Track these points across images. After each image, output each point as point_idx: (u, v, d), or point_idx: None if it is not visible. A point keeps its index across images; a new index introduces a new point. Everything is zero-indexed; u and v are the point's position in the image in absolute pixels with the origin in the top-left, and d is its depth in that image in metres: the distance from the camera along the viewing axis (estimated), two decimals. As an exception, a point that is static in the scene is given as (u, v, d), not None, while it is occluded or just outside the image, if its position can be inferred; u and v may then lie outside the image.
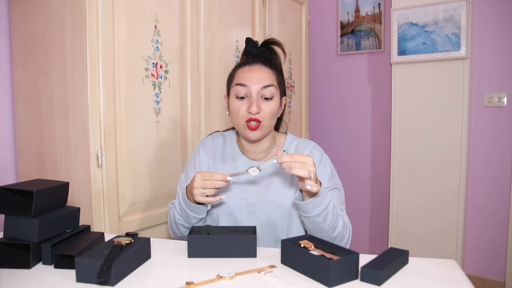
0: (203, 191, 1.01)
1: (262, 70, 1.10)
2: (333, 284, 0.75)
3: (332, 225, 1.00)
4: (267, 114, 1.08)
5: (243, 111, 1.08)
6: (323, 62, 3.01)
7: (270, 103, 1.09)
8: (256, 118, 1.07)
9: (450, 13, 2.23)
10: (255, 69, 1.10)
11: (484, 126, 2.40)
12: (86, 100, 1.24)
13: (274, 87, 1.09)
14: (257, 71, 1.09)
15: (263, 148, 1.17)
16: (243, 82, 1.08)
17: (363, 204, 2.92)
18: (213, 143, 1.23)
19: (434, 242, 2.36)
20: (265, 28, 2.08)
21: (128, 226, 1.37)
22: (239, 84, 1.09)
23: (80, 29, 1.23)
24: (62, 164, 1.32)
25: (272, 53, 1.16)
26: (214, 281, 0.78)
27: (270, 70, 1.11)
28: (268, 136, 1.16)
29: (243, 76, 1.09)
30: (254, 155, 1.18)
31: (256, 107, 1.06)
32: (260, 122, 1.07)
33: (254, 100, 1.07)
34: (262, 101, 1.08)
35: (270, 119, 1.09)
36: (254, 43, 1.16)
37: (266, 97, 1.08)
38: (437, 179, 2.34)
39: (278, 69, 1.16)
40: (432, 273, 0.82)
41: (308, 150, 1.16)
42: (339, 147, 2.99)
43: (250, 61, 1.13)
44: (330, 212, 0.98)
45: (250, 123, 1.07)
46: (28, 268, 0.85)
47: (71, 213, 0.96)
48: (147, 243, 0.90)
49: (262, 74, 1.09)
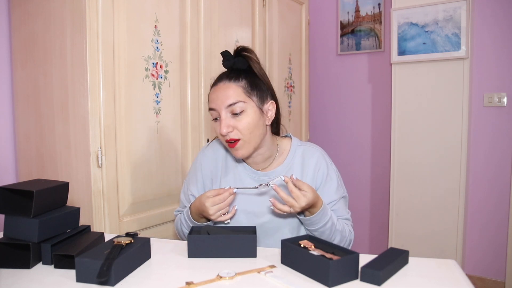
0: (220, 213, 1.04)
1: (225, 87, 1.06)
2: (333, 284, 0.75)
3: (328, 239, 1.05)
4: (242, 130, 1.04)
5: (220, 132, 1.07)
6: (323, 62, 3.01)
7: (242, 118, 1.05)
8: (231, 138, 1.04)
9: (450, 13, 2.23)
10: (219, 88, 1.07)
11: (484, 126, 2.40)
12: (86, 100, 1.24)
13: (242, 102, 1.04)
14: (221, 90, 1.06)
15: (263, 159, 1.14)
16: (211, 106, 1.08)
17: (363, 204, 2.92)
18: (214, 154, 1.20)
19: (434, 242, 2.35)
20: (265, 28, 2.08)
21: (128, 226, 1.37)
22: (210, 109, 1.09)
23: (80, 29, 1.23)
24: (62, 164, 1.32)
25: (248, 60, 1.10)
26: (214, 281, 0.78)
27: (235, 83, 1.06)
28: (265, 147, 1.12)
29: (211, 99, 1.08)
30: (256, 165, 1.15)
31: (225, 128, 1.04)
32: (238, 140, 1.05)
33: (222, 121, 1.04)
34: (233, 118, 1.05)
35: (249, 133, 1.05)
36: (228, 55, 1.11)
37: (235, 113, 1.04)
38: (437, 179, 2.34)
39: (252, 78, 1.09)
40: (432, 273, 0.82)
41: (314, 161, 1.13)
42: (339, 147, 2.99)
43: (217, 80, 1.10)
44: (327, 230, 1.05)
45: (229, 143, 1.06)
46: (28, 268, 0.85)
47: (71, 213, 0.96)
48: (147, 243, 0.90)
49: (226, 91, 1.05)
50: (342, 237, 1.08)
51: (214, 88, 1.09)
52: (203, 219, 1.10)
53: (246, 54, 1.10)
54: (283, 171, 1.12)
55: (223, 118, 1.05)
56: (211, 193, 1.04)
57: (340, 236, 1.08)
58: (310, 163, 1.13)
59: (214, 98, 1.07)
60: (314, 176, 1.12)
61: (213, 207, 1.02)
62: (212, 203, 1.02)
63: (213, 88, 1.09)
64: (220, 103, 1.05)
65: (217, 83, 1.09)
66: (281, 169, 1.13)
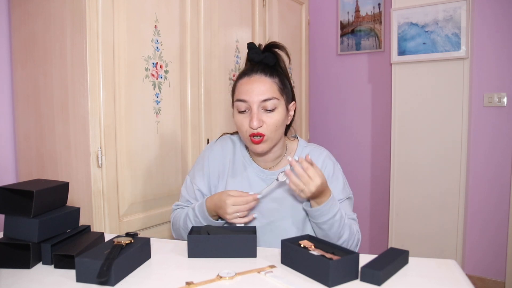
0: (237, 215, 1.02)
1: (261, 81, 1.04)
2: (333, 284, 0.75)
3: (337, 234, 1.03)
4: (270, 126, 1.04)
5: (245, 125, 1.04)
6: (323, 62, 3.01)
7: (273, 115, 1.04)
8: (258, 132, 1.03)
9: (450, 13, 2.23)
10: (254, 80, 1.04)
11: (484, 126, 2.40)
12: (86, 100, 1.24)
13: (276, 99, 1.04)
14: (257, 83, 1.04)
15: (273, 157, 1.14)
16: (242, 97, 1.04)
17: (363, 204, 2.92)
18: (222, 150, 1.19)
19: (434, 242, 2.35)
20: (265, 28, 2.08)
21: (128, 226, 1.37)
22: (239, 100, 1.05)
23: (80, 29, 1.23)
24: (62, 164, 1.32)
25: (276, 57, 1.10)
26: (214, 281, 0.78)
27: (270, 79, 1.05)
28: (278, 145, 1.13)
29: (242, 90, 1.05)
30: (264, 164, 1.15)
31: (257, 122, 1.02)
32: (264, 135, 1.03)
33: (254, 115, 1.02)
34: (264, 113, 1.04)
35: (275, 131, 1.05)
36: (256, 48, 1.09)
37: (268, 109, 1.03)
38: (437, 179, 2.34)
39: (281, 75, 1.09)
40: (432, 273, 0.82)
41: (321, 161, 1.14)
42: (339, 147, 2.99)
43: (249, 71, 1.07)
44: (336, 222, 1.02)
45: (254, 138, 1.04)
46: (28, 268, 0.85)
47: (71, 213, 0.96)
48: (147, 243, 0.90)
49: (262, 86, 1.03)
50: (351, 233, 1.06)
51: (247, 80, 1.05)
52: (216, 216, 1.08)
53: (277, 51, 1.09)
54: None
55: (255, 112, 1.03)
56: (235, 193, 1.02)
57: (349, 232, 1.05)
58: (316, 163, 1.12)
59: (248, 90, 1.03)
60: None
61: (233, 206, 1.00)
62: (233, 202, 1.00)
63: (245, 79, 1.06)
64: (254, 96, 1.02)
65: (251, 75, 1.05)
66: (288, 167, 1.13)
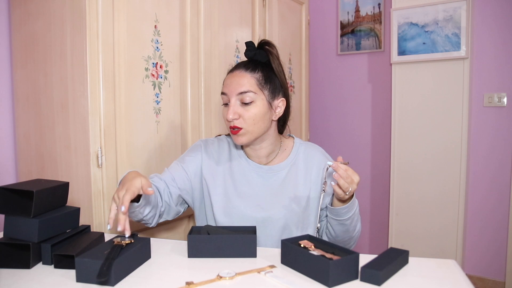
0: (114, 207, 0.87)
1: (240, 76, 1.09)
2: (333, 284, 0.75)
3: (354, 226, 1.11)
4: (247, 119, 1.07)
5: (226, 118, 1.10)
6: (323, 62, 3.01)
7: (250, 108, 1.07)
8: (234, 125, 1.07)
9: (450, 13, 2.23)
10: (235, 75, 1.10)
11: (484, 126, 2.40)
12: (86, 100, 1.24)
13: (253, 93, 1.07)
14: (236, 77, 1.09)
15: (266, 153, 1.17)
16: (223, 90, 1.11)
17: (363, 203, 2.92)
18: (219, 145, 1.21)
19: (434, 242, 2.36)
20: (265, 28, 2.08)
21: (128, 226, 1.36)
22: (222, 93, 1.12)
23: (80, 29, 1.23)
24: (62, 164, 1.32)
25: (268, 54, 1.13)
26: (214, 281, 0.78)
27: (250, 74, 1.09)
28: (268, 141, 1.15)
29: (225, 84, 1.12)
30: (258, 159, 1.18)
31: (232, 114, 1.07)
32: (240, 128, 1.07)
33: (230, 107, 1.08)
34: (242, 107, 1.08)
35: (253, 124, 1.08)
36: (251, 46, 1.15)
37: (245, 102, 1.07)
38: (437, 179, 2.34)
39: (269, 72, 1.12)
40: (432, 273, 0.82)
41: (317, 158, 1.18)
42: (339, 147, 2.99)
43: (234, 67, 1.14)
44: (356, 215, 1.09)
45: (232, 130, 1.09)
46: (28, 268, 0.85)
47: (71, 213, 0.96)
48: (147, 243, 0.90)
49: (240, 80, 1.08)
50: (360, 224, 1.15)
51: (230, 74, 1.12)
52: None
53: (268, 48, 1.14)
54: (287, 166, 1.16)
55: (232, 104, 1.08)
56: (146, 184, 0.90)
57: (360, 222, 1.14)
58: (313, 160, 1.17)
59: (228, 83, 1.11)
60: (319, 172, 1.16)
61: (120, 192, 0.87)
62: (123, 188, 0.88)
63: (229, 74, 1.13)
64: (232, 89, 1.08)
65: (234, 70, 1.12)
66: (286, 164, 1.17)
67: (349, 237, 1.13)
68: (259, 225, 1.10)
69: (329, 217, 1.09)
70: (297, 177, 1.15)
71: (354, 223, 1.09)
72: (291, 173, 1.15)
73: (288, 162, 1.17)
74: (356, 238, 1.15)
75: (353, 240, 1.15)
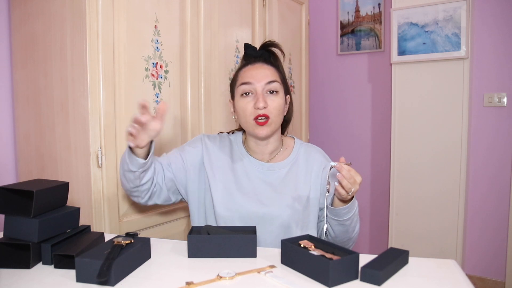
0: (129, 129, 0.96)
1: (264, 67, 1.12)
2: (333, 284, 0.75)
3: (354, 227, 1.11)
4: (273, 109, 1.08)
5: (250, 109, 1.09)
6: (323, 62, 3.01)
7: (276, 98, 1.10)
8: (264, 113, 1.07)
9: (450, 13, 2.23)
10: (258, 66, 1.12)
11: (484, 126, 2.40)
12: (86, 100, 1.24)
13: (278, 83, 1.11)
14: (260, 68, 1.11)
15: (271, 149, 1.17)
16: (248, 80, 1.09)
17: (363, 203, 2.92)
18: (220, 141, 1.22)
19: (434, 241, 2.36)
20: (265, 28, 2.08)
21: (128, 226, 1.36)
22: (244, 83, 1.10)
23: (80, 29, 1.23)
24: (62, 164, 1.32)
25: (271, 55, 1.18)
26: (214, 281, 0.78)
27: (272, 67, 1.13)
28: (276, 136, 1.17)
29: (247, 75, 1.11)
30: (261, 156, 1.18)
31: (263, 102, 1.06)
32: (269, 117, 1.08)
33: (260, 96, 1.07)
34: (268, 96, 1.09)
35: (277, 115, 1.10)
36: (253, 47, 1.18)
37: (271, 90, 1.09)
38: (437, 179, 2.34)
39: (279, 68, 1.17)
40: (432, 273, 0.82)
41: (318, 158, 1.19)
42: (339, 147, 2.99)
43: (251, 61, 1.15)
44: (355, 216, 1.09)
45: (259, 119, 1.07)
46: (28, 268, 0.85)
47: (71, 213, 0.96)
48: (147, 243, 0.90)
49: (265, 70, 1.11)
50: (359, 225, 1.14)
51: (251, 66, 1.13)
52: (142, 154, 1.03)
53: (273, 50, 1.18)
54: (288, 164, 1.17)
55: (261, 93, 1.08)
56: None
57: (359, 224, 1.14)
58: (314, 161, 1.18)
59: (253, 74, 1.10)
60: (319, 172, 1.17)
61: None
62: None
63: (248, 67, 1.13)
64: (260, 78, 1.08)
65: (254, 63, 1.14)
66: (287, 162, 1.17)
67: (348, 238, 1.13)
68: (260, 221, 1.10)
69: (329, 218, 1.09)
70: (297, 176, 1.16)
71: (353, 224, 1.10)
72: (292, 171, 1.16)
73: (289, 161, 1.17)
74: (355, 239, 1.16)
75: (351, 240, 1.15)
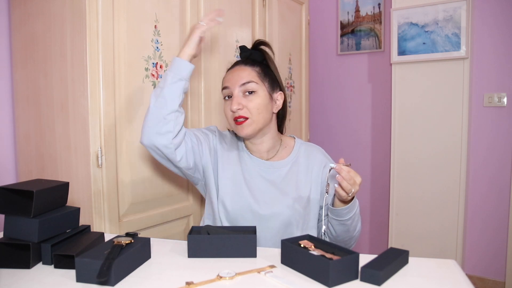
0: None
1: (241, 69, 1.15)
2: (333, 284, 0.75)
3: (355, 226, 1.11)
4: (252, 109, 1.11)
5: (229, 111, 1.13)
6: (323, 62, 3.01)
7: (253, 98, 1.11)
8: (240, 115, 1.10)
9: (450, 13, 2.23)
10: (235, 70, 1.16)
11: (484, 126, 2.40)
12: (86, 100, 1.24)
13: (254, 83, 1.12)
14: (236, 71, 1.15)
15: (266, 147, 1.19)
16: (225, 84, 1.15)
17: (363, 203, 2.92)
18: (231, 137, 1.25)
19: (434, 241, 2.36)
20: (265, 28, 2.08)
21: (128, 226, 1.36)
22: (223, 88, 1.16)
23: (80, 29, 1.23)
24: (62, 164, 1.32)
25: (264, 54, 1.20)
26: (214, 281, 0.78)
27: (250, 67, 1.15)
28: (269, 134, 1.18)
29: (225, 80, 1.16)
30: (259, 154, 1.20)
31: (236, 104, 1.10)
32: (247, 118, 1.10)
33: (234, 98, 1.11)
34: (245, 98, 1.12)
35: (257, 114, 1.11)
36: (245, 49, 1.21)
37: (249, 91, 1.11)
38: (437, 179, 2.34)
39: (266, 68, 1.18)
40: (432, 273, 0.82)
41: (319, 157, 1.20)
42: (339, 147, 2.99)
43: (233, 65, 1.20)
44: (356, 215, 1.09)
45: (237, 120, 1.11)
46: (28, 268, 0.85)
47: (71, 213, 0.96)
48: (147, 243, 0.90)
49: (241, 72, 1.14)
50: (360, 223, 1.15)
51: (230, 71, 1.18)
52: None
53: (263, 47, 1.21)
54: (289, 163, 1.18)
55: (236, 95, 1.12)
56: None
57: (360, 222, 1.14)
58: (315, 159, 1.19)
59: (229, 78, 1.15)
60: (319, 171, 1.17)
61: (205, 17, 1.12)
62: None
63: (229, 71, 1.19)
64: (234, 82, 1.13)
65: (234, 67, 1.18)
66: (287, 161, 1.18)
67: (349, 237, 1.13)
68: (260, 218, 1.11)
69: (330, 217, 1.10)
70: (298, 175, 1.16)
71: (354, 223, 1.10)
72: (293, 171, 1.17)
73: (290, 160, 1.18)
74: (356, 237, 1.16)
75: (353, 239, 1.16)
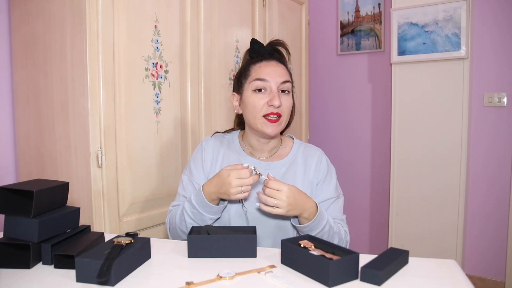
0: (241, 189, 0.98)
1: (279, 66, 1.11)
2: (333, 284, 0.75)
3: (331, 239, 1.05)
4: (286, 109, 1.09)
5: (261, 105, 1.07)
6: (323, 62, 3.01)
7: (289, 98, 1.10)
8: (277, 112, 1.07)
9: (450, 13, 2.23)
10: (273, 64, 1.10)
11: (484, 126, 2.40)
12: (86, 100, 1.24)
13: (290, 83, 1.11)
14: (276, 67, 1.10)
15: (271, 147, 1.18)
16: (263, 76, 1.08)
17: (363, 204, 2.92)
18: (215, 143, 1.19)
19: (434, 241, 2.35)
20: (265, 28, 2.08)
21: (128, 226, 1.37)
22: (258, 79, 1.08)
23: (80, 29, 1.23)
24: (62, 164, 1.32)
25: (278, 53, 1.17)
26: (214, 281, 0.78)
27: (283, 66, 1.13)
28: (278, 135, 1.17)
29: (262, 71, 1.08)
30: (261, 154, 1.17)
31: (278, 100, 1.05)
32: (281, 116, 1.08)
33: (276, 94, 1.06)
34: (281, 95, 1.08)
35: (288, 114, 1.11)
36: (260, 43, 1.16)
37: (284, 90, 1.09)
38: (437, 179, 2.34)
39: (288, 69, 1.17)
40: (432, 273, 0.82)
41: (316, 158, 1.18)
42: (339, 147, 2.99)
43: (265, 57, 1.12)
44: (325, 234, 1.04)
45: (271, 117, 1.07)
46: (28, 268, 0.84)
47: (71, 213, 0.96)
48: (147, 243, 0.90)
49: (281, 69, 1.10)
50: (340, 240, 1.09)
51: (266, 63, 1.11)
52: (216, 200, 1.04)
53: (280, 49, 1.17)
54: (286, 164, 1.16)
55: (276, 92, 1.07)
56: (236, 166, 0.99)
57: (338, 238, 1.08)
58: (312, 160, 1.17)
59: (269, 71, 1.08)
60: (316, 171, 1.16)
61: (238, 180, 0.97)
62: (238, 175, 0.96)
63: (263, 62, 1.11)
64: (276, 77, 1.08)
65: (269, 60, 1.11)
66: (284, 162, 1.16)
67: None
68: (255, 218, 1.10)
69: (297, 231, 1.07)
70: (295, 176, 1.14)
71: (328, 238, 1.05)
72: (290, 171, 1.15)
73: (287, 161, 1.16)
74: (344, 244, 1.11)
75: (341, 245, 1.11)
